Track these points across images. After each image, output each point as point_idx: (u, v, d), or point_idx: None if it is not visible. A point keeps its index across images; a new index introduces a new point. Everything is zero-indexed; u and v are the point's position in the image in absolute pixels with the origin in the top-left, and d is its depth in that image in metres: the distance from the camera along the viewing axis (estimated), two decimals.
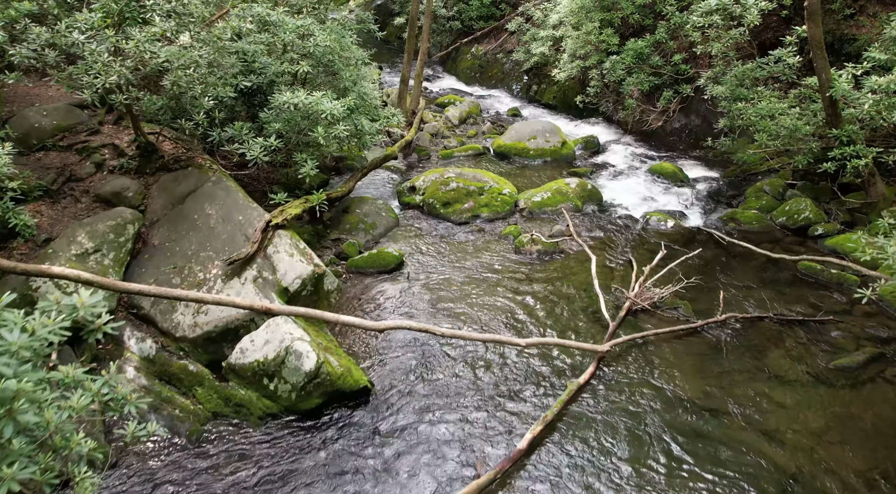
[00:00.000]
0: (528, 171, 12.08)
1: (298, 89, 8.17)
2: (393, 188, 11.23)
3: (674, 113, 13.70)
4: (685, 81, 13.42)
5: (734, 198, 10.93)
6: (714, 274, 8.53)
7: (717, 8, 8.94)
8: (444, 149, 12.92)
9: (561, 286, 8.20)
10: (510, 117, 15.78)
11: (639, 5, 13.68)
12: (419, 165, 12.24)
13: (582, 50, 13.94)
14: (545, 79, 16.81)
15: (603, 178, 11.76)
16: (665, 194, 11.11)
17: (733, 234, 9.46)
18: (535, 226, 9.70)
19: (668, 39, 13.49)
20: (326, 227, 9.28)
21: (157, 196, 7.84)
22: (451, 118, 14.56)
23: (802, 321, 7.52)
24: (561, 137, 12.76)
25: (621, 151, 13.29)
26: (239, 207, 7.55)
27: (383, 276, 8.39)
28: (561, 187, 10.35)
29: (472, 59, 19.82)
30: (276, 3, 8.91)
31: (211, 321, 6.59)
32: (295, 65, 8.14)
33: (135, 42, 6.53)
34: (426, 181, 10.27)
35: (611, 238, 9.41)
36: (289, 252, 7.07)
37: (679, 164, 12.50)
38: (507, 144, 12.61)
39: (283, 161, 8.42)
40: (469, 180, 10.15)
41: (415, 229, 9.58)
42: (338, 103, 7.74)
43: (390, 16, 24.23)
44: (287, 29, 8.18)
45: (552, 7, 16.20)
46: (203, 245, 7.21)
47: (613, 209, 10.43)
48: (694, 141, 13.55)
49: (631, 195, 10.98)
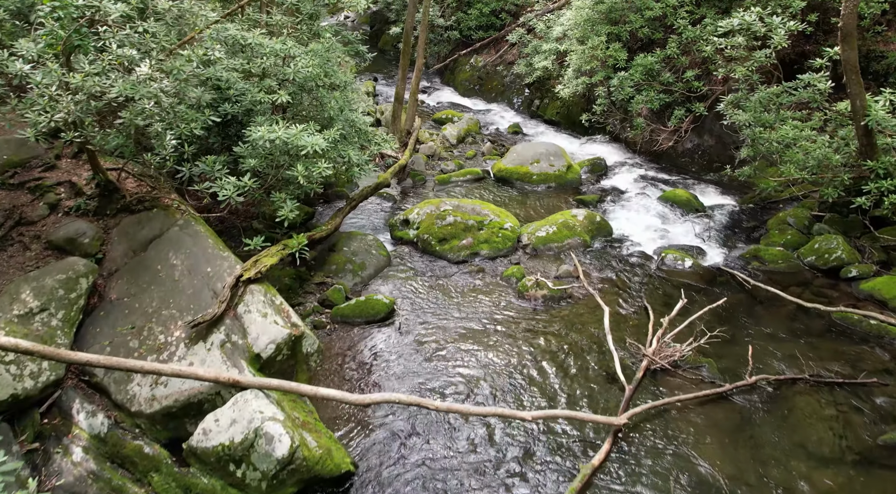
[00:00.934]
0: (530, 198, 11.24)
1: (277, 121, 7.33)
2: (385, 218, 10.38)
3: (686, 133, 12.87)
4: (698, 99, 12.60)
5: (755, 230, 10.09)
6: (739, 324, 7.69)
7: (740, 28, 8.11)
8: (440, 173, 12.08)
9: (570, 340, 7.36)
10: (511, 135, 14.93)
11: (648, 18, 12.86)
12: (414, 191, 11.40)
13: (587, 65, 13.11)
14: (548, 93, 15.97)
15: (612, 206, 10.91)
16: (679, 224, 10.26)
17: (758, 275, 8.61)
18: (540, 265, 8.85)
19: (679, 54, 12.66)
20: (310, 268, 8.43)
21: (118, 242, 7.00)
22: (449, 137, 13.71)
23: (842, 384, 6.68)
24: (566, 160, 11.91)
25: (630, 174, 12.45)
26: (208, 256, 6.70)
27: (372, 327, 7.54)
28: (567, 220, 9.50)
29: (471, 71, 18.98)
30: (256, 22, 8.07)
31: (171, 394, 5.74)
32: (273, 94, 7.29)
33: (82, 75, 5.69)
34: (420, 214, 9.43)
35: (623, 280, 8.56)
36: (262, 312, 6.22)
37: (693, 189, 11.66)
38: (509, 169, 11.77)
39: (260, 198, 7.57)
40: (467, 213, 9.31)
41: (408, 270, 8.73)
42: (320, 138, 6.90)
43: (386, 23, 23.40)
44: (265, 52, 7.34)
45: (555, 19, 15.35)
46: (165, 302, 6.36)
47: (625, 244, 9.58)
48: (707, 163, 12.72)
49: (643, 227, 10.14)
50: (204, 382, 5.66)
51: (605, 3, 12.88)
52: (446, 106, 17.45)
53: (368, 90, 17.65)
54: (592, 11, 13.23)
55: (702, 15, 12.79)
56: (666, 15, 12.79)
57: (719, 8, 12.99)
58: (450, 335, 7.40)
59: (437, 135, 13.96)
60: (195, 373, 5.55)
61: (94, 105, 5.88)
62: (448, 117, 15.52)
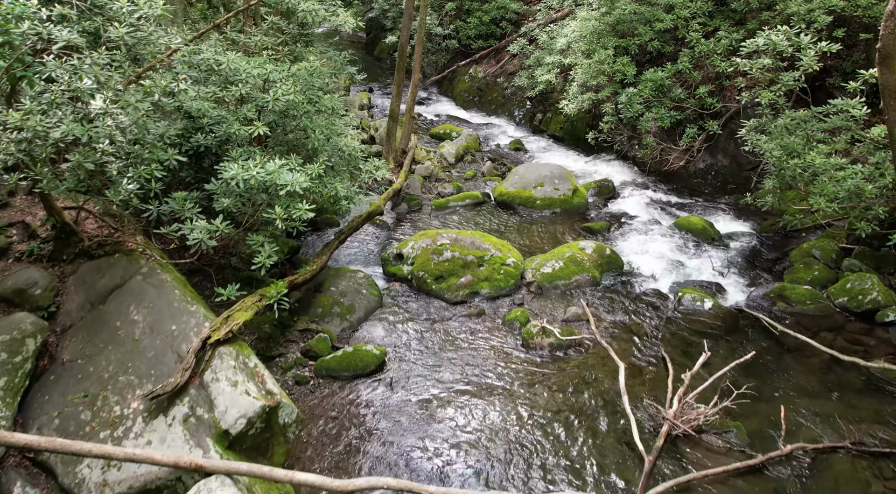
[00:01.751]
0: (534, 225, 10.48)
1: (255, 154, 6.59)
2: (378, 247, 9.63)
3: (698, 152, 12.13)
4: (711, 117, 11.86)
5: (777, 262, 9.34)
6: (768, 378, 6.94)
7: (766, 48, 7.36)
8: (437, 197, 11.32)
9: (580, 399, 6.60)
10: (512, 152, 14.18)
11: (658, 30, 12.11)
12: (409, 218, 10.64)
13: (594, 80, 12.36)
14: (551, 106, 15.22)
15: (621, 235, 10.15)
16: (695, 256, 9.51)
17: (785, 318, 7.86)
18: (546, 306, 8.10)
19: (691, 69, 11.92)
20: (294, 312, 7.67)
21: (74, 293, 6.24)
22: (447, 156, 12.96)
23: (889, 454, 5.93)
24: (571, 183, 11.16)
25: (640, 196, 11.71)
26: (173, 311, 5.94)
27: (360, 381, 6.79)
28: (575, 254, 8.75)
29: (471, 82, 18.24)
30: (234, 43, 7.31)
31: (125, 480, 4.98)
32: (251, 125, 6.54)
33: (21, 114, 4.94)
34: (415, 248, 8.67)
35: (637, 324, 7.81)
36: (232, 380, 5.46)
37: (707, 215, 10.92)
38: (511, 193, 11.02)
39: (236, 239, 6.82)
40: (466, 248, 8.56)
41: (401, 312, 7.98)
42: (302, 175, 6.15)
43: (382, 30, 22.66)
44: (241, 78, 6.58)
45: (559, 30, 14.61)
46: (123, 365, 5.60)
47: (637, 280, 8.83)
48: (722, 184, 11.98)
49: (656, 259, 9.39)
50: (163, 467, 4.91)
51: (612, 15, 12.15)
52: (444, 119, 16.71)
53: (363, 103, 16.91)
54: (599, 23, 12.49)
55: (715, 27, 12.07)
56: (677, 27, 12.05)
57: (733, 20, 12.26)
58: (446, 393, 6.64)
59: (434, 153, 13.21)
60: (151, 457, 4.80)
61: (40, 145, 5.14)
62: (446, 133, 14.77)
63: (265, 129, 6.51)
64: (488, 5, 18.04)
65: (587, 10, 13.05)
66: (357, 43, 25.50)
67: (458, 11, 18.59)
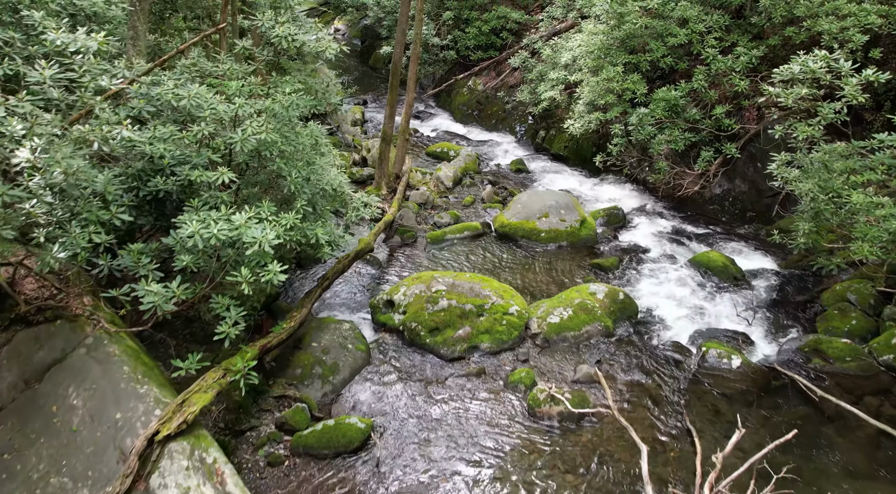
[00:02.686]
0: (539, 260, 9.60)
1: (222, 202, 5.72)
2: (366, 290, 8.76)
3: (714, 176, 11.25)
4: (728, 139, 10.99)
5: (807, 306, 8.47)
6: (809, 456, 6.06)
7: (803, 77, 6.49)
8: (433, 228, 10.44)
9: (595, 481, 5.73)
10: (514, 173, 13.31)
11: (671, 46, 11.24)
12: (402, 253, 9.76)
13: (602, 99, 11.49)
14: (555, 123, 14.35)
15: (635, 274, 9.28)
16: (717, 299, 8.64)
17: (823, 380, 6.99)
18: (554, 363, 7.23)
19: (707, 87, 11.05)
20: (269, 373, 6.80)
21: (6, 368, 5.36)
22: (444, 179, 12.09)
23: None
24: (579, 213, 10.29)
25: (652, 225, 10.84)
26: (119, 394, 5.06)
27: (342, 461, 5.91)
28: (585, 300, 7.88)
29: (470, 95, 17.36)
30: (202, 74, 6.43)
31: None
32: (216, 170, 5.66)
33: None
34: (408, 295, 7.79)
35: (657, 387, 6.94)
36: (183, 486, 4.58)
37: (726, 247, 10.06)
38: (513, 224, 10.14)
39: (201, 298, 5.94)
40: (464, 295, 7.68)
41: (391, 370, 7.10)
42: (272, 231, 5.28)
43: (378, 39, 21.79)
44: (204, 116, 5.71)
45: (563, 43, 13.73)
46: (57, 464, 4.73)
47: (654, 329, 7.96)
48: (740, 212, 11.11)
49: (673, 303, 8.52)
50: None
51: (622, 29, 11.27)
52: (442, 135, 15.83)
53: (356, 118, 16.04)
54: (608, 38, 11.63)
55: (732, 42, 11.20)
56: (692, 42, 11.18)
57: (752, 34, 11.39)
58: (440, 475, 5.77)
59: (430, 175, 12.34)
60: None
61: None
62: (443, 151, 13.89)
63: (231, 175, 5.63)
64: (488, 14, 17.18)
65: (594, 23, 12.18)
66: (351, 51, 24.60)
67: (457, 21, 17.72)
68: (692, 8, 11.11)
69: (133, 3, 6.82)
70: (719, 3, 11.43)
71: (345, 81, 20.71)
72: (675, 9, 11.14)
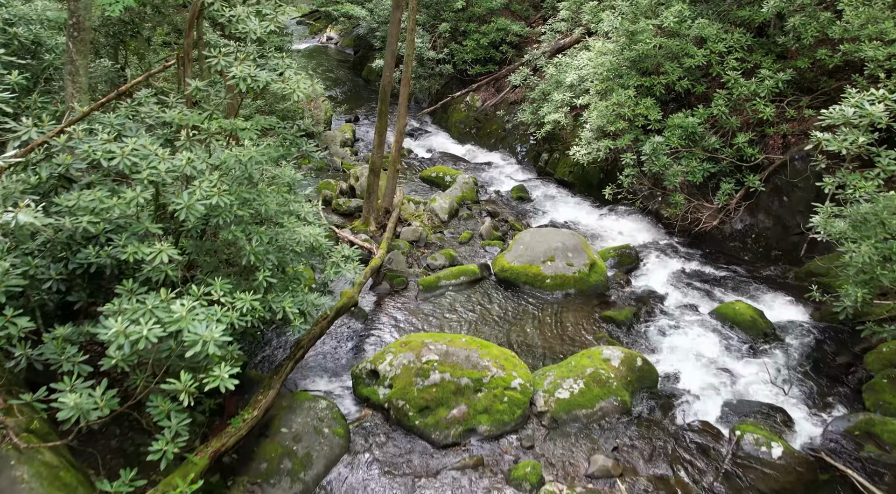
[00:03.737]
0: (544, 312, 8.59)
1: (167, 279, 4.71)
2: (349, 351, 7.75)
3: (735, 211, 10.25)
4: (751, 169, 9.99)
5: (850, 370, 7.46)
6: None
7: (858, 121, 5.48)
8: (426, 271, 9.42)
9: None
10: (515, 202, 12.30)
11: (688, 67, 10.24)
12: (391, 302, 8.74)
13: (612, 126, 10.49)
14: (559, 145, 13.36)
15: (652, 330, 8.26)
16: (746, 361, 7.63)
17: (882, 475, 5.97)
18: (565, 451, 6.21)
19: (727, 114, 10.04)
20: (227, 470, 5.77)
21: None
22: (439, 212, 11.07)
23: None
24: (588, 255, 9.27)
25: (667, 266, 9.83)
26: None
27: None
28: (598, 370, 6.86)
29: (467, 111, 16.35)
30: (133, 116, 5.41)
31: None
32: (155, 245, 4.64)
33: None
34: (394, 365, 6.78)
35: (685, 483, 5.91)
36: None
37: (751, 292, 9.06)
38: (515, 269, 9.12)
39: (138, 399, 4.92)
40: (459, 367, 6.66)
41: (373, 462, 6.08)
42: (217, 328, 4.27)
43: (371, 49, 20.78)
44: (141, 178, 4.69)
45: (568, 61, 12.71)
46: None
47: (678, 404, 6.94)
48: (764, 250, 10.11)
49: (698, 367, 7.51)
50: None
51: (634, 50, 10.26)
52: (437, 156, 14.83)
53: (345, 138, 15.02)
54: (619, 58, 10.62)
55: (755, 63, 10.19)
56: (711, 63, 10.18)
57: (777, 54, 10.39)
58: None
59: (423, 206, 11.32)
60: None
61: None
62: (439, 176, 12.89)
63: (173, 252, 4.61)
64: (487, 27, 16.16)
65: (602, 42, 11.18)
66: (344, 61, 23.63)
67: (454, 33, 16.71)
68: (711, 26, 10.10)
69: (71, 34, 5.80)
70: (740, 21, 10.43)
71: (335, 94, 19.75)
72: (692, 27, 10.14)
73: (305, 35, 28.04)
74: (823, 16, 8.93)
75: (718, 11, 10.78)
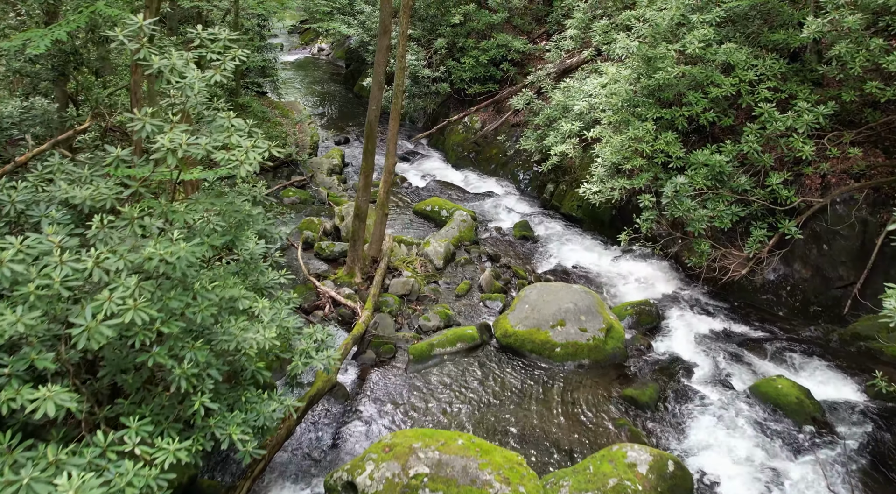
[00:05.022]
0: (553, 390, 7.40)
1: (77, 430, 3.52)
2: (323, 444, 6.57)
3: (768, 259, 9.07)
4: (786, 214, 8.81)
5: None
6: None
7: None
8: (417, 335, 8.23)
9: None
10: (518, 242, 11.13)
11: (713, 98, 9.05)
12: (378, 375, 7.56)
13: (628, 164, 9.32)
14: (566, 176, 12.20)
15: (680, 412, 7.08)
16: (796, 458, 6.45)
17: None
18: None
19: (759, 151, 8.86)
20: None
21: None
22: (433, 257, 9.89)
23: None
24: (603, 317, 8.10)
25: (693, 325, 8.67)
26: None
27: None
28: (622, 480, 5.68)
29: (466, 134, 15.18)
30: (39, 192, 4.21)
31: None
32: (41, 388, 3.46)
33: None
34: (376, 479, 5.59)
35: None
36: None
37: (790, 360, 7.91)
38: (519, 334, 7.94)
39: None
40: (454, 483, 5.47)
41: None
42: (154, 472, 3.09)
43: (363, 63, 19.65)
44: (28, 294, 3.50)
45: (577, 86, 11.53)
46: None
47: None
48: (801, 305, 8.93)
49: (738, 467, 6.33)
50: None
51: (654, 78, 9.07)
52: (433, 184, 13.66)
53: (333, 164, 13.84)
54: (635, 86, 9.44)
55: (791, 93, 9.01)
56: (740, 93, 9.00)
57: (813, 82, 9.22)
58: None
59: (415, 249, 10.13)
60: None
61: None
62: (434, 210, 11.72)
63: (68, 397, 3.41)
64: (486, 43, 14.98)
65: (616, 68, 10.01)
66: (336, 75, 22.47)
67: (451, 49, 15.52)
68: (739, 51, 8.92)
69: None
70: (772, 45, 9.25)
71: (325, 111, 18.60)
72: (717, 52, 8.96)
73: (297, 45, 26.93)
74: (874, 43, 7.76)
75: (747, 34, 9.60)
